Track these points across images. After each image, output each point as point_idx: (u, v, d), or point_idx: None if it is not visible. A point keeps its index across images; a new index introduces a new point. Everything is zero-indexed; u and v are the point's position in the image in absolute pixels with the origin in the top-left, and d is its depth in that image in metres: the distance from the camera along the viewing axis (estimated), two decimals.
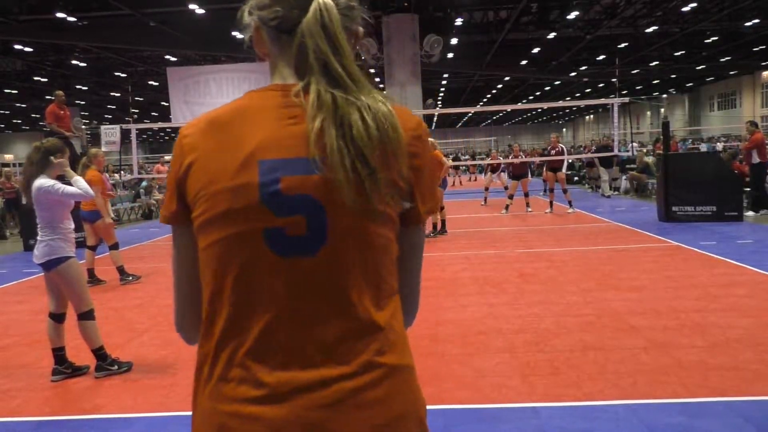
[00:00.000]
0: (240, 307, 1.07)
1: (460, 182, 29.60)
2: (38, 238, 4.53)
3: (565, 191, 14.17)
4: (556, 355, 4.59)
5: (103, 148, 15.86)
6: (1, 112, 50.62)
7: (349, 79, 1.07)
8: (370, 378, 1.06)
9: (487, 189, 17.30)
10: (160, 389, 4.30)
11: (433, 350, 4.84)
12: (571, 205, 13.98)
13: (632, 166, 18.72)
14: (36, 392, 4.37)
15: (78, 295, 4.53)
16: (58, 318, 4.61)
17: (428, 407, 3.57)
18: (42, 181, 4.49)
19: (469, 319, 5.70)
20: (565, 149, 14.88)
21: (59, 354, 4.60)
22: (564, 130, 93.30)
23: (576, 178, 24.98)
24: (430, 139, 1.58)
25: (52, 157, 4.58)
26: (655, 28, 29.62)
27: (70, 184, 4.63)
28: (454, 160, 37.23)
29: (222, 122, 1.12)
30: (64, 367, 4.60)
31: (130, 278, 8.20)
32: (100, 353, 4.62)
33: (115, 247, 8.20)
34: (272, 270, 1.05)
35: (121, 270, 8.21)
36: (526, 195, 14.79)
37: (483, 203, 16.96)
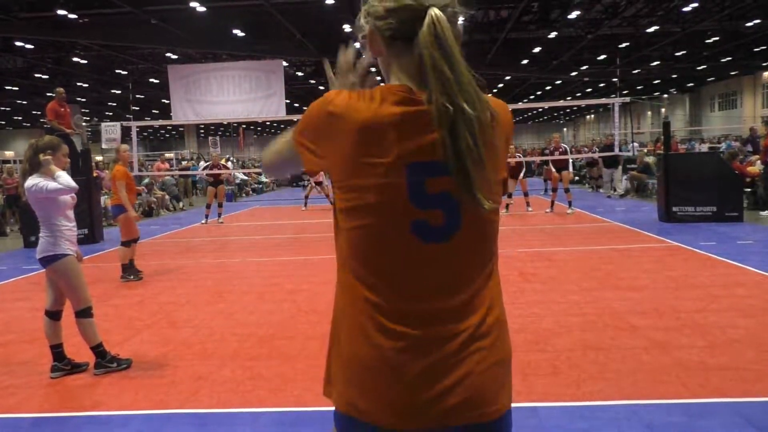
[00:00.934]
0: (387, 280, 1.32)
1: None
2: (39, 234, 4.54)
3: (567, 191, 14.17)
4: (556, 354, 4.58)
5: (104, 145, 15.87)
6: (2, 108, 50.62)
7: (460, 88, 1.25)
8: (485, 329, 1.34)
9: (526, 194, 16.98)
10: (160, 387, 4.29)
11: None
12: (570, 206, 13.98)
13: (633, 165, 18.70)
14: (36, 389, 4.37)
15: (75, 293, 4.53)
16: (53, 315, 4.61)
17: None
18: (31, 181, 4.48)
19: None
20: (568, 149, 14.86)
21: (57, 351, 4.60)
22: (565, 129, 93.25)
23: (576, 178, 24.97)
24: None
25: (40, 155, 4.56)
26: (656, 27, 29.59)
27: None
28: None
29: (370, 124, 1.28)
30: (62, 364, 4.60)
31: (131, 277, 8.20)
32: (98, 350, 4.62)
33: (126, 244, 8.20)
34: (415, 252, 1.30)
35: (123, 268, 8.20)
36: (526, 194, 14.77)
37: None
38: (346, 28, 28.78)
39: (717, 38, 33.39)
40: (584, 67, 41.74)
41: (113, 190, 8.24)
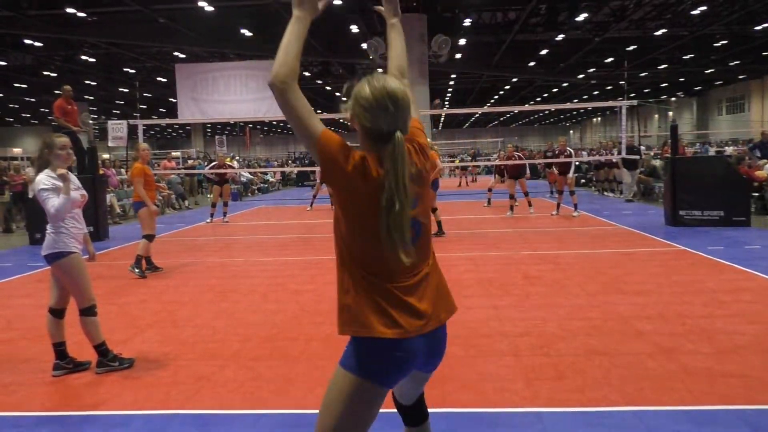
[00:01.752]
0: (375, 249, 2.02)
1: (467, 183, 29.45)
2: (45, 231, 4.56)
3: (572, 193, 14.13)
4: (561, 359, 4.54)
5: (110, 143, 15.88)
6: (11, 106, 50.82)
7: (399, 184, 1.96)
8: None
9: (490, 190, 17.04)
10: (162, 386, 4.28)
11: None
12: (576, 208, 13.94)
13: (640, 169, 18.60)
14: (37, 387, 4.35)
15: (79, 291, 4.53)
16: (57, 313, 4.60)
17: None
18: (39, 178, 4.48)
19: (473, 321, 5.65)
20: (572, 152, 14.80)
21: (60, 349, 4.59)
22: (571, 132, 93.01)
23: (582, 181, 24.89)
24: (429, 140, 2.52)
25: (46, 150, 4.57)
26: (664, 30, 29.48)
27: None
28: (461, 161, 37.13)
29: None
30: (65, 363, 4.59)
31: (137, 272, 8.25)
32: (101, 349, 4.60)
33: (148, 237, 8.44)
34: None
35: (138, 259, 8.34)
36: (526, 194, 14.72)
37: (486, 205, 16.82)
38: (354, 28, 28.80)
39: (725, 42, 33.27)
40: (591, 70, 41.62)
41: (133, 187, 8.62)
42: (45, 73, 36.35)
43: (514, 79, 46.37)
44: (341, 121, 47.06)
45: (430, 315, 2.14)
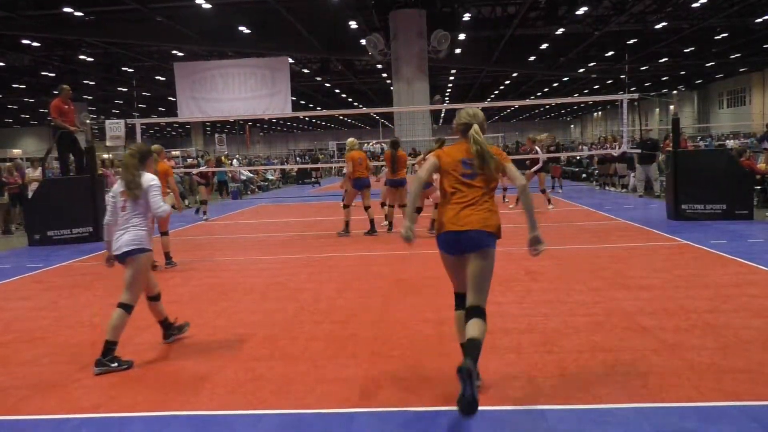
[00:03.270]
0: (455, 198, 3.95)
1: None
2: (124, 227, 4.79)
3: (543, 191, 14.43)
4: (564, 355, 4.49)
5: (108, 143, 15.84)
6: (10, 106, 50.78)
7: (483, 148, 3.98)
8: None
9: (505, 189, 16.58)
10: (160, 388, 4.23)
11: (439, 350, 4.76)
12: (550, 202, 14.29)
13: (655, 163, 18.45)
14: (34, 390, 4.30)
15: (136, 287, 4.82)
16: (157, 297, 5.14)
17: (432, 408, 3.39)
18: (151, 177, 4.92)
19: None
20: (539, 150, 14.75)
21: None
22: (572, 126, 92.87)
23: (584, 175, 24.81)
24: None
25: (149, 156, 5.06)
26: (665, 24, 29.40)
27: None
28: None
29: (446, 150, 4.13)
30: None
31: (176, 264, 8.90)
32: (109, 347, 4.62)
33: (165, 234, 9.05)
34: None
35: (167, 255, 8.92)
36: (543, 191, 14.69)
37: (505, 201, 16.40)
38: (352, 24, 28.72)
39: (726, 34, 33.16)
40: (592, 64, 41.54)
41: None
42: (43, 73, 36.30)
43: (515, 74, 46.29)
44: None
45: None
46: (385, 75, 38.97)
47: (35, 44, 29.22)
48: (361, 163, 11.26)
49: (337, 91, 52.87)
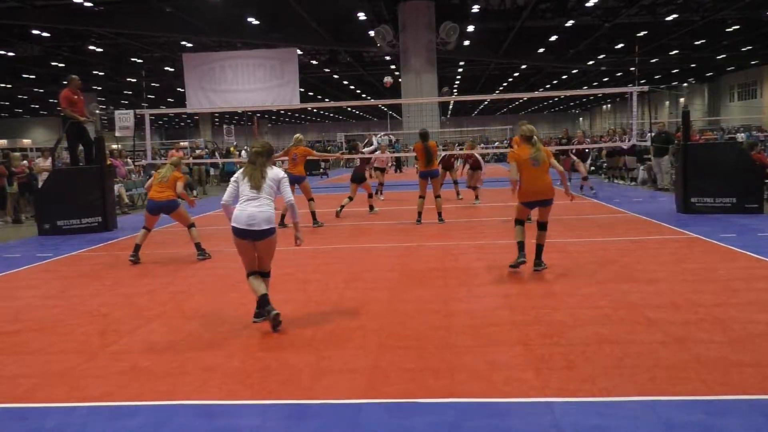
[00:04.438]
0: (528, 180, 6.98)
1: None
2: (263, 207, 5.24)
3: (474, 188, 14.90)
4: (571, 348, 4.48)
5: (117, 133, 15.88)
6: (20, 97, 50.98)
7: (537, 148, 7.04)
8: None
9: (456, 183, 16.40)
10: (169, 377, 4.25)
11: (445, 341, 4.76)
12: (477, 198, 14.70)
13: (649, 156, 18.42)
14: (44, 379, 4.33)
15: (272, 258, 5.49)
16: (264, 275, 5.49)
17: (439, 400, 3.39)
18: (281, 170, 5.49)
19: (482, 310, 5.61)
20: (479, 157, 15.04)
21: (264, 299, 5.24)
22: (581, 119, 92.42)
23: (593, 168, 24.71)
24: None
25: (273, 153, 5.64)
26: (675, 16, 29.14)
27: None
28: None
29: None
30: (264, 310, 5.21)
31: (206, 254, 8.83)
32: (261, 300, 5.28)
33: (192, 225, 9.04)
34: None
35: (197, 246, 8.89)
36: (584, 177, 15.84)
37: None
38: (361, 16, 28.63)
39: (737, 27, 32.86)
40: (601, 56, 41.27)
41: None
42: (53, 63, 36.37)
43: (523, 66, 46.05)
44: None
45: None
46: (393, 67, 38.85)
47: (45, 35, 29.29)
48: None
49: (345, 82, 52.79)
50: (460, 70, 47.34)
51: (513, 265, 7.02)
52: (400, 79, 29.65)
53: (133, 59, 36.94)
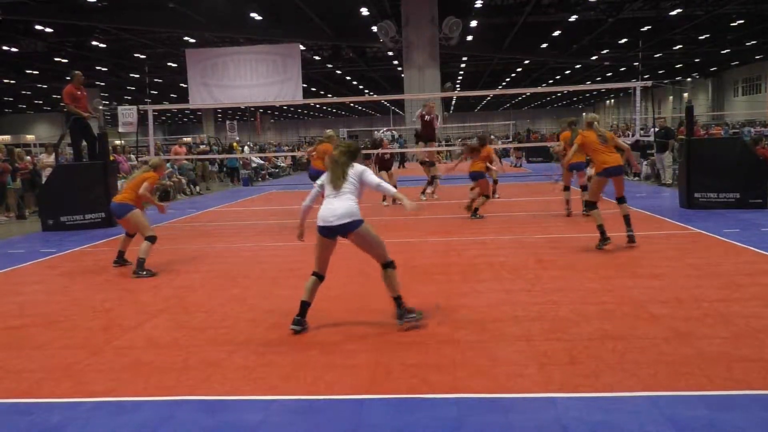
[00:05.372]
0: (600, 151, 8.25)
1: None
2: (343, 202, 5.02)
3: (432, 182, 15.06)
4: (574, 344, 4.48)
5: (120, 129, 15.87)
6: (23, 92, 51.03)
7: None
8: None
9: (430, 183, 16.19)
10: (172, 372, 4.26)
11: (448, 337, 4.76)
12: (423, 193, 14.86)
13: (652, 151, 18.37)
14: (49, 373, 4.35)
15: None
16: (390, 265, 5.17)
17: (442, 395, 3.39)
18: (366, 170, 5.22)
19: (485, 305, 5.61)
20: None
21: (399, 300, 5.06)
22: (584, 114, 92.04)
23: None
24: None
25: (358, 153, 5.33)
26: (679, 11, 29.02)
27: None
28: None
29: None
30: (406, 310, 5.03)
31: (145, 273, 7.52)
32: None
33: (151, 239, 7.73)
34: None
35: (141, 262, 7.55)
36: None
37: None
38: (364, 11, 28.57)
39: (741, 21, 32.73)
40: (605, 51, 41.13)
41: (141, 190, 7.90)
42: (56, 59, 36.39)
43: (526, 62, 45.96)
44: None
45: None
46: (396, 62, 38.79)
47: (48, 30, 29.28)
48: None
49: (348, 78, 52.73)
50: (463, 65, 47.25)
51: (599, 246, 8.04)
52: (403, 75, 29.59)
53: (136, 55, 36.93)
